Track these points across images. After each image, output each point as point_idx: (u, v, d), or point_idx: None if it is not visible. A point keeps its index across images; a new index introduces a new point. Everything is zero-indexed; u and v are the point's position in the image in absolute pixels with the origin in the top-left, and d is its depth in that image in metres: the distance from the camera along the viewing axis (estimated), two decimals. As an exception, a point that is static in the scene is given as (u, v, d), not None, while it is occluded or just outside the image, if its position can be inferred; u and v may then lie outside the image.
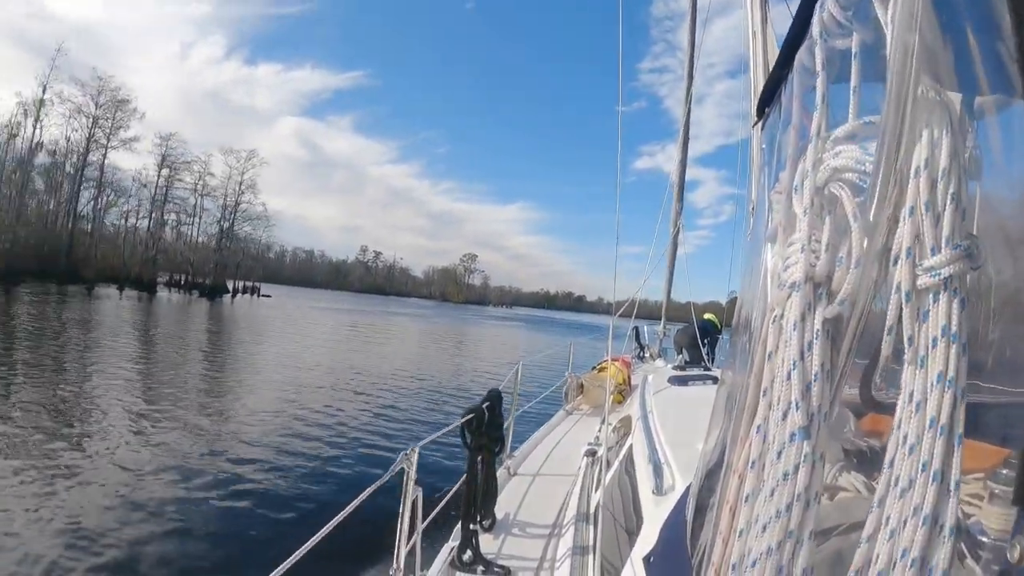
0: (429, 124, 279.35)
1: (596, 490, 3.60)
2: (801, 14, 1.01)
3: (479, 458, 3.80)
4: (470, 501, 3.64)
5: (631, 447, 3.48)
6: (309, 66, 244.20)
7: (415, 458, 2.69)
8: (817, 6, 0.92)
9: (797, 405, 0.78)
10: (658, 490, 2.34)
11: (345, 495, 2.28)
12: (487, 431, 3.88)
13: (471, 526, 3.54)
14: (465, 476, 3.76)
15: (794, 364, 0.79)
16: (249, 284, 75.26)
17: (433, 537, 3.57)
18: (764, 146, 1.22)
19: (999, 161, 0.81)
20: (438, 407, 14.11)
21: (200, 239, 69.25)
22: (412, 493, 2.70)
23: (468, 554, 3.46)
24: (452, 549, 3.49)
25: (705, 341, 7.98)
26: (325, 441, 10.26)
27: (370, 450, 9.98)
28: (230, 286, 68.97)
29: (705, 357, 7.69)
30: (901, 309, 0.68)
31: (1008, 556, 0.68)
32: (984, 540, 0.76)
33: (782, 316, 0.85)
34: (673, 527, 1.73)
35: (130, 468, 7.97)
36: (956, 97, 0.71)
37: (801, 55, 1.00)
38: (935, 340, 0.65)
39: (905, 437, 0.66)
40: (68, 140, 54.17)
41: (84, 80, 55.60)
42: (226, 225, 69.35)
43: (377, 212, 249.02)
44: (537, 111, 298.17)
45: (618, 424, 4.88)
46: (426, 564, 3.27)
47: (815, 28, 0.92)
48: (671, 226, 10.10)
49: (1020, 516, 0.68)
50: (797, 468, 0.78)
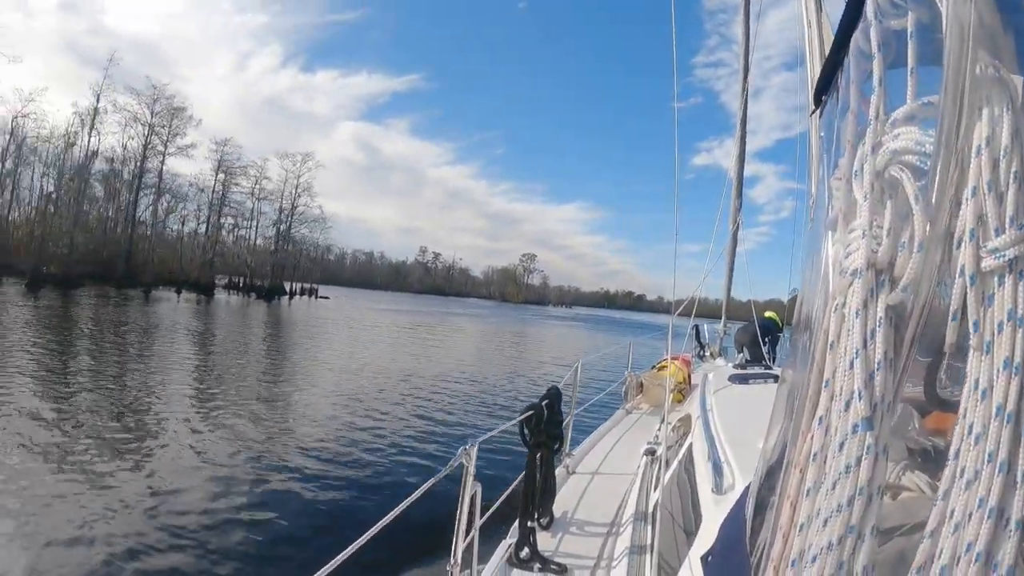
0: (485, 125, 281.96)
1: (655, 489, 3.55)
2: None
3: (538, 455, 3.81)
4: (528, 498, 3.66)
5: (691, 446, 3.42)
6: (365, 71, 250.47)
7: (474, 453, 2.71)
8: None
9: (860, 395, 0.76)
10: (717, 489, 2.29)
11: (405, 490, 2.30)
12: (546, 428, 3.89)
13: (529, 523, 3.56)
14: (524, 473, 3.78)
15: (857, 353, 0.77)
16: (307, 286, 76.62)
17: (491, 534, 3.60)
18: (822, 134, 1.19)
19: None
20: (497, 406, 14.20)
21: (258, 242, 71.23)
22: (471, 488, 2.73)
23: (525, 551, 3.48)
24: (509, 546, 3.51)
25: (766, 339, 7.83)
26: (384, 438, 10.48)
27: (429, 447, 10.14)
28: (288, 288, 70.38)
29: (766, 356, 7.53)
30: (965, 293, 0.65)
31: None
32: None
33: (844, 304, 0.83)
34: (732, 526, 1.70)
35: (196, 460, 8.44)
36: (1017, 75, 0.68)
37: (856, 38, 0.98)
38: (1001, 325, 0.63)
39: (971, 427, 0.64)
40: (124, 148, 56.03)
41: (139, 89, 56.97)
42: (283, 228, 71.01)
43: (436, 214, 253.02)
44: (592, 109, 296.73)
45: (678, 423, 4.81)
46: (483, 560, 3.30)
47: (869, 9, 0.90)
48: (730, 223, 9.87)
49: None
50: (859, 460, 0.76)
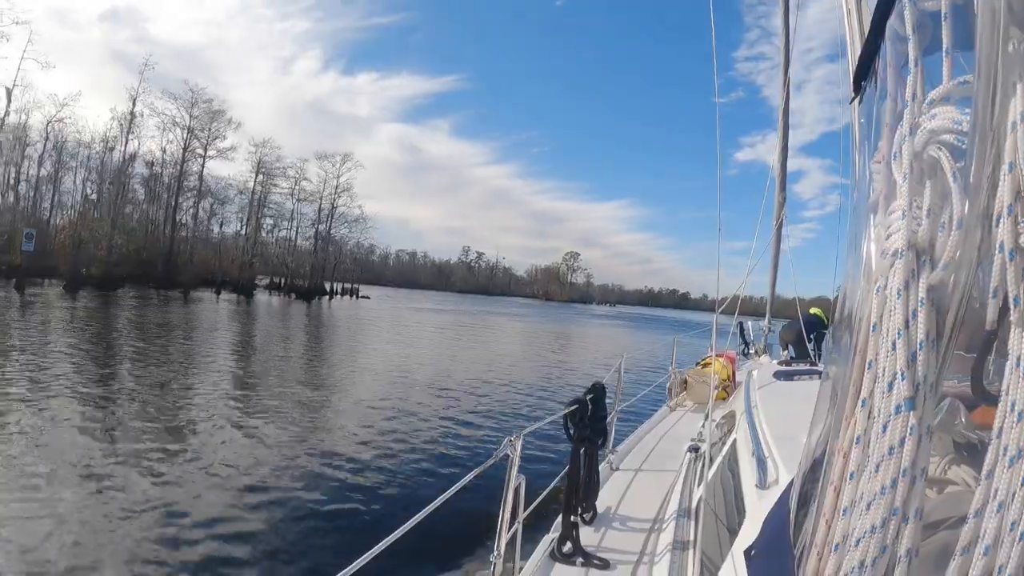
0: (525, 125, 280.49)
1: (698, 485, 3.53)
2: None
3: (582, 450, 3.82)
4: (572, 493, 3.67)
5: (734, 442, 3.39)
6: (405, 73, 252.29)
7: (519, 445, 2.73)
8: None
9: (903, 375, 0.75)
10: (761, 484, 2.27)
11: (451, 480, 2.33)
12: (590, 423, 3.89)
13: (572, 518, 3.56)
14: (567, 468, 3.78)
15: (899, 333, 0.77)
16: (348, 286, 77.00)
17: (534, 528, 3.62)
18: (862, 121, 1.18)
19: None
20: (537, 407, 14.13)
21: (298, 242, 71.20)
22: (515, 480, 2.75)
23: (568, 546, 3.48)
24: (552, 540, 3.52)
25: (811, 336, 7.66)
26: (427, 432, 10.64)
27: (473, 442, 10.28)
28: (328, 288, 70.71)
29: (812, 353, 7.37)
30: (1005, 269, 0.65)
31: None
32: None
33: (886, 286, 0.83)
34: (776, 520, 1.68)
35: (245, 449, 8.86)
36: None
37: (892, 22, 0.97)
38: None
39: (1013, 405, 0.63)
40: (164, 151, 56.84)
41: (177, 93, 56.77)
42: (322, 228, 71.10)
43: (479, 213, 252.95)
44: (633, 106, 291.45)
45: (722, 420, 4.76)
46: (526, 553, 3.33)
47: None
48: (774, 218, 9.66)
49: None
50: (903, 441, 0.76)
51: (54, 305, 29.57)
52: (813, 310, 8.75)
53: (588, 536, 3.73)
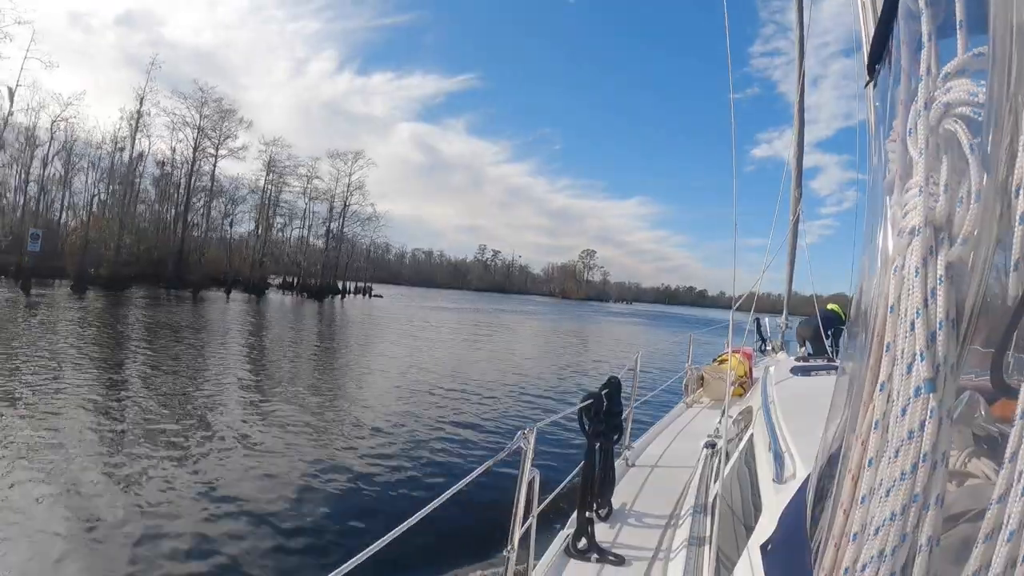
0: (541, 122, 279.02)
1: (715, 481, 3.49)
2: None
3: (597, 445, 3.80)
4: (587, 489, 3.65)
5: (751, 437, 3.35)
6: (420, 72, 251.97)
7: (532, 438, 2.71)
8: None
9: (922, 355, 0.73)
10: (778, 478, 2.24)
11: (464, 475, 2.33)
12: (605, 418, 3.88)
13: (587, 514, 3.55)
14: (582, 464, 3.77)
15: (917, 312, 0.75)
16: (361, 285, 76.64)
17: (549, 524, 3.61)
18: (877, 104, 1.15)
19: None
20: (553, 405, 14.09)
21: (312, 241, 70.68)
22: (529, 474, 2.74)
23: (583, 542, 3.47)
24: (567, 536, 3.51)
25: (829, 332, 7.58)
26: (438, 429, 10.69)
27: (488, 438, 10.31)
28: (341, 287, 69.98)
29: (829, 349, 7.31)
30: None
31: None
32: None
33: (903, 266, 0.80)
34: (792, 515, 1.66)
35: (261, 440, 9.09)
36: None
37: (905, 0, 0.95)
38: None
39: None
40: (173, 151, 56.28)
41: (186, 93, 56.18)
42: (334, 227, 70.73)
43: (496, 211, 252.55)
44: (649, 103, 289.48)
45: (738, 416, 4.73)
46: (540, 549, 3.32)
47: None
48: (790, 214, 9.56)
49: None
50: (923, 425, 0.74)
51: (57, 305, 29.52)
52: (830, 306, 8.66)
53: (603, 532, 3.71)
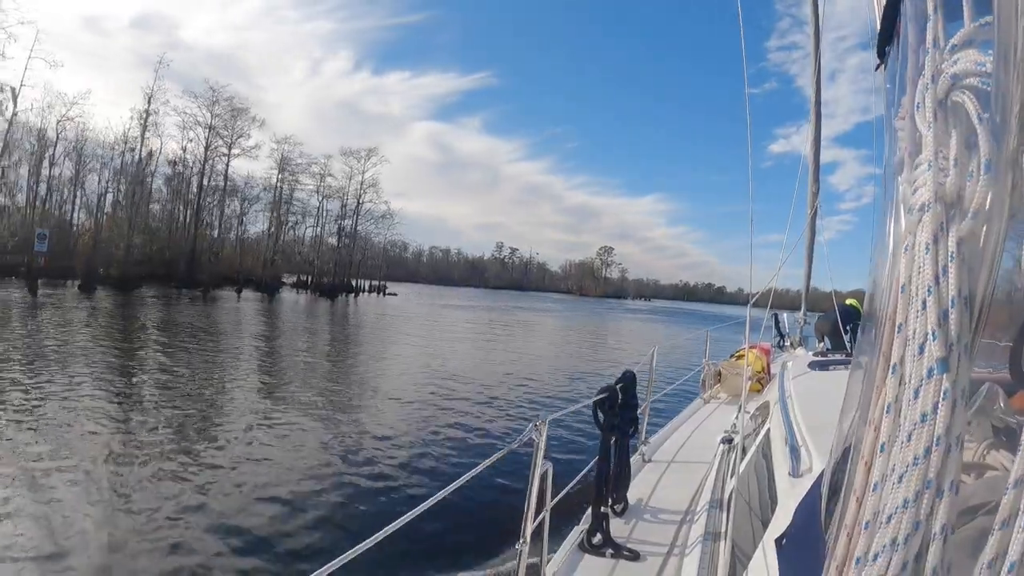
0: (556, 120, 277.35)
1: (731, 477, 3.45)
2: None
3: (612, 440, 3.78)
4: (602, 484, 3.63)
5: (768, 431, 3.31)
6: (435, 71, 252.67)
7: (545, 430, 2.69)
8: None
9: (934, 335, 0.71)
10: (794, 472, 2.21)
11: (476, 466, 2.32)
12: (620, 412, 3.85)
13: (602, 509, 3.53)
14: (597, 458, 3.75)
15: (929, 291, 0.72)
16: (375, 283, 75.98)
17: (563, 519, 3.59)
18: (888, 86, 1.13)
19: None
20: (568, 402, 14.01)
21: (326, 239, 69.81)
22: (541, 467, 2.71)
23: (598, 537, 3.45)
24: (582, 532, 3.50)
25: (847, 328, 7.49)
26: (450, 425, 10.73)
27: (502, 433, 10.36)
28: (355, 285, 69.25)
29: (847, 344, 7.22)
30: None
31: None
32: None
33: (914, 244, 0.78)
34: (807, 508, 1.64)
35: (274, 435, 9.26)
36: None
37: None
38: None
39: None
40: (184, 150, 55.61)
41: (197, 92, 55.59)
42: (347, 224, 69.87)
43: (513, 209, 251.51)
44: (665, 99, 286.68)
45: (756, 412, 4.68)
46: (554, 543, 3.30)
47: None
48: (808, 208, 9.44)
49: None
50: (936, 407, 0.71)
51: (62, 305, 29.21)
52: (849, 301, 8.57)
53: (618, 528, 3.69)
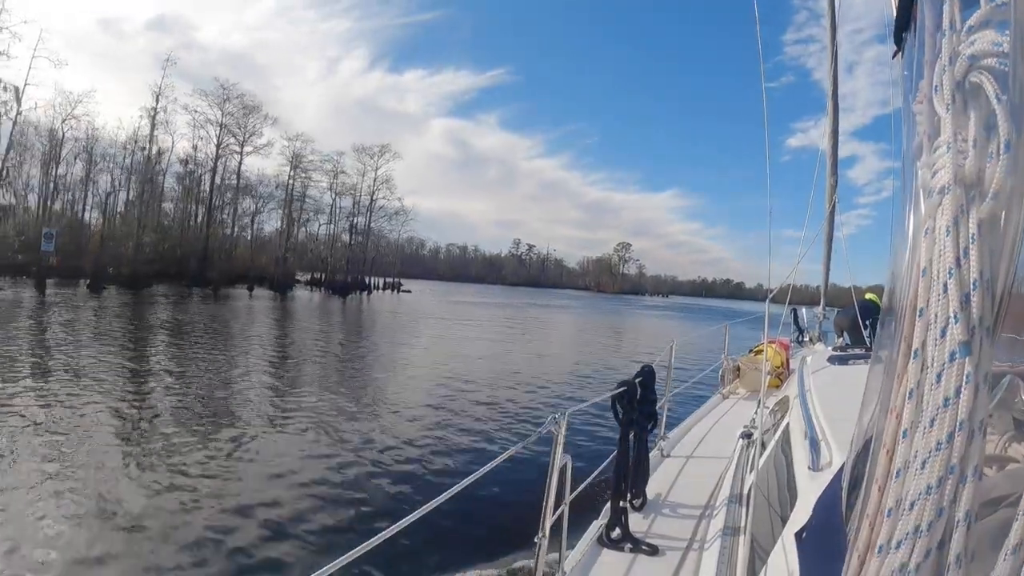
0: (573, 116, 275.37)
1: (750, 472, 3.44)
2: None
3: (631, 434, 3.77)
4: (620, 478, 3.63)
5: (788, 426, 3.29)
6: (451, 68, 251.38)
7: (564, 423, 2.69)
8: None
9: (956, 318, 0.70)
10: (814, 466, 2.19)
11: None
12: (639, 407, 3.84)
13: (621, 503, 3.53)
14: (615, 453, 3.74)
15: (950, 273, 0.72)
16: (390, 280, 75.69)
17: (582, 513, 3.58)
18: (906, 73, 1.13)
19: None
20: (584, 398, 13.94)
21: (340, 236, 69.30)
22: (560, 460, 2.72)
23: (617, 532, 3.45)
24: (601, 526, 3.50)
25: (867, 322, 7.38)
26: (468, 421, 10.87)
27: (524, 426, 10.45)
28: (369, 282, 68.61)
29: (867, 339, 7.12)
30: None
31: None
32: None
33: (934, 228, 0.78)
34: (827, 501, 1.62)
35: (299, 427, 9.59)
36: None
37: None
38: None
39: None
40: (195, 148, 55.05)
41: (208, 90, 54.96)
42: (360, 221, 69.13)
43: (530, 205, 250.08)
44: (681, 94, 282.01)
45: (775, 407, 4.65)
46: (573, 537, 3.30)
47: None
48: (826, 202, 9.32)
49: None
50: (959, 391, 0.71)
51: (68, 305, 29.05)
52: (868, 296, 8.46)
53: (637, 522, 3.69)
